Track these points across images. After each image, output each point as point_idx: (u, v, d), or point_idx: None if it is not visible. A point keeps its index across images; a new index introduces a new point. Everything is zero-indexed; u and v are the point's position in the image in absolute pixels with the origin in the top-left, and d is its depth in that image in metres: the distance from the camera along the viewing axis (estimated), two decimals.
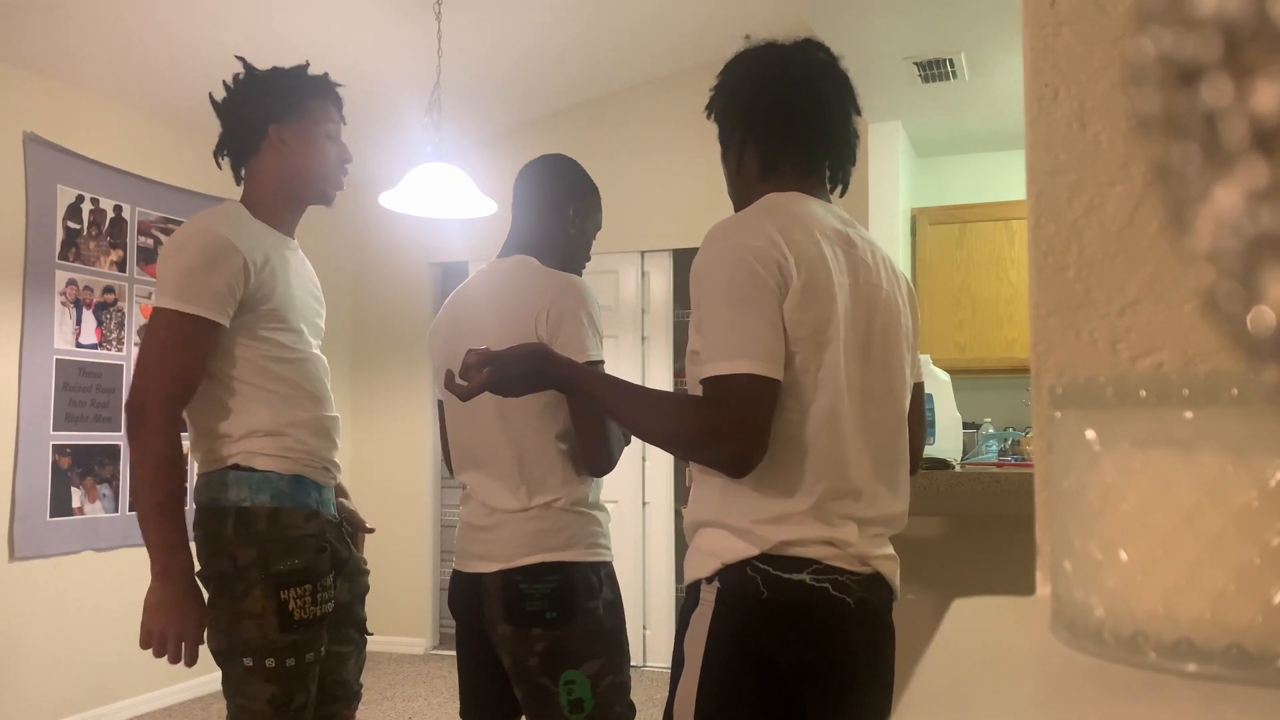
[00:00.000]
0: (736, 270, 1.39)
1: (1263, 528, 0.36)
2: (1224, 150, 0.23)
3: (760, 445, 1.37)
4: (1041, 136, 0.59)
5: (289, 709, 1.86)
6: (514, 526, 1.90)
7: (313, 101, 2.03)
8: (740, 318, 1.37)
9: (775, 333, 1.38)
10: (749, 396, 1.36)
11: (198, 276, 1.81)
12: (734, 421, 1.36)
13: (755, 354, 1.36)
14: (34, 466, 3.94)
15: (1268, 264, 0.23)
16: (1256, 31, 0.22)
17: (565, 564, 1.88)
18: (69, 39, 3.86)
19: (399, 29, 4.19)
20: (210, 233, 1.86)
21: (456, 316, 2.03)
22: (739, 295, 1.38)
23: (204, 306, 1.80)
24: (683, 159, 5.19)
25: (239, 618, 1.84)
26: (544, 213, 2.05)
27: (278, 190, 2.02)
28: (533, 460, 1.91)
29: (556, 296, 1.90)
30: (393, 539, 5.55)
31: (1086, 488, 0.41)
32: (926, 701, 0.36)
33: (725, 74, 1.66)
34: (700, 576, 1.46)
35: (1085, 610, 0.41)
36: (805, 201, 1.51)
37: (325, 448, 1.98)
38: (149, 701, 4.41)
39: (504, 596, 1.88)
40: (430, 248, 5.66)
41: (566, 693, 1.87)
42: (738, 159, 1.59)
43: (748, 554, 1.41)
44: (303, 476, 1.92)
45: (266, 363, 1.90)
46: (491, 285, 2.00)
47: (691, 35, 4.82)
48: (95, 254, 4.24)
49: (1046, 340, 0.58)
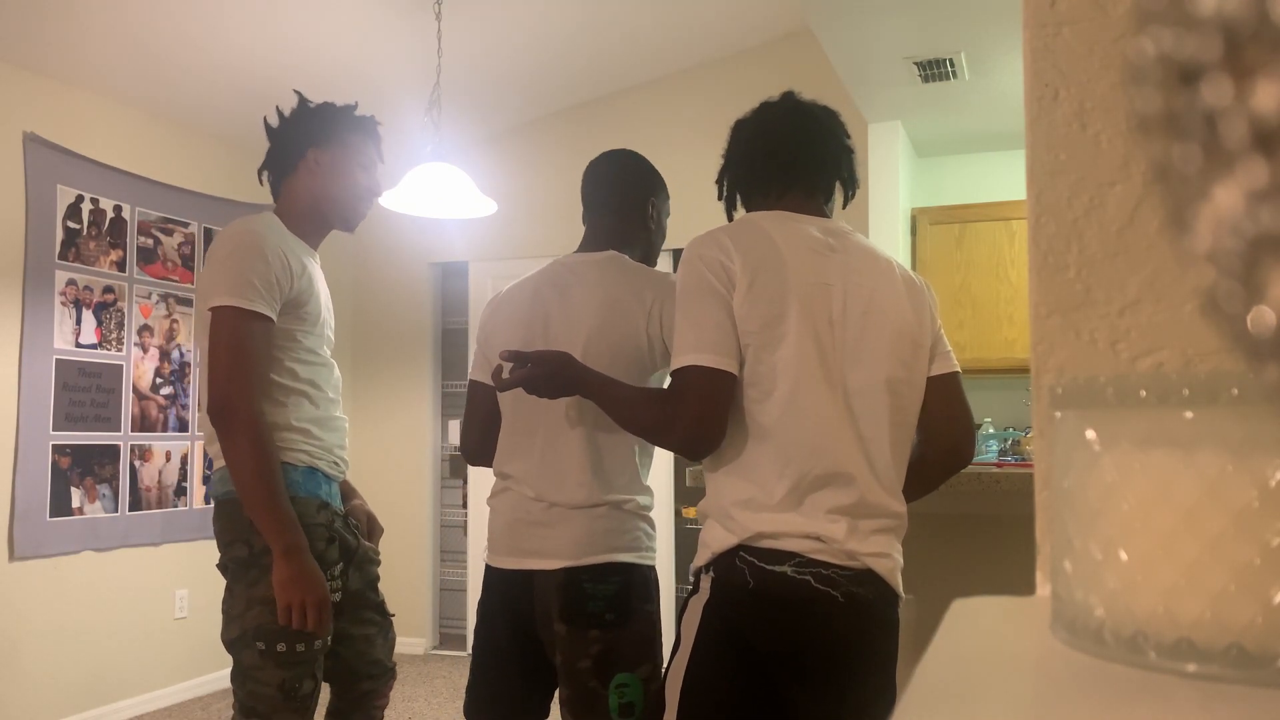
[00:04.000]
0: (689, 276, 1.58)
1: (1263, 528, 0.36)
2: (1224, 150, 0.23)
3: (709, 429, 1.54)
4: (1041, 136, 0.59)
5: (296, 696, 1.93)
6: (580, 524, 1.84)
7: (353, 135, 2.17)
8: (690, 317, 1.56)
9: (722, 328, 1.54)
10: (697, 386, 1.53)
11: (248, 274, 1.92)
12: (684, 409, 1.54)
13: (701, 348, 1.53)
14: (34, 466, 3.94)
15: (1268, 264, 0.23)
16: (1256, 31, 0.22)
17: (629, 565, 1.85)
18: (69, 39, 3.86)
19: (399, 29, 4.19)
20: (258, 235, 1.98)
21: (540, 305, 1.95)
22: (690, 298, 1.57)
23: (260, 303, 1.93)
24: (684, 159, 5.19)
25: (251, 604, 1.93)
26: (629, 211, 2.09)
27: (307, 209, 2.14)
28: (608, 457, 1.87)
29: (664, 296, 1.89)
30: (393, 539, 5.54)
31: (1086, 488, 0.41)
32: (926, 701, 0.36)
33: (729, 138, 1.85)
34: (699, 565, 1.60)
35: (1085, 610, 0.41)
36: (780, 217, 1.66)
37: (337, 444, 2.09)
38: (149, 701, 4.41)
39: (564, 595, 1.83)
40: (430, 248, 5.66)
41: (617, 696, 1.82)
42: (730, 197, 1.80)
43: (731, 543, 1.53)
44: (315, 469, 2.02)
45: (294, 364, 2.02)
46: (591, 279, 1.95)
47: (691, 35, 4.82)
48: (95, 254, 4.24)
49: (1046, 340, 0.58)
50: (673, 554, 5.16)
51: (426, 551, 5.55)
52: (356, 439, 5.76)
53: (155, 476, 4.48)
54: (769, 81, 5.09)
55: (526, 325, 1.95)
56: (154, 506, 4.47)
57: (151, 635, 4.45)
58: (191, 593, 4.65)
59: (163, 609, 4.51)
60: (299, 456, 1.99)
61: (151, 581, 4.46)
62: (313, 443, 2.02)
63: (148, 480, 4.44)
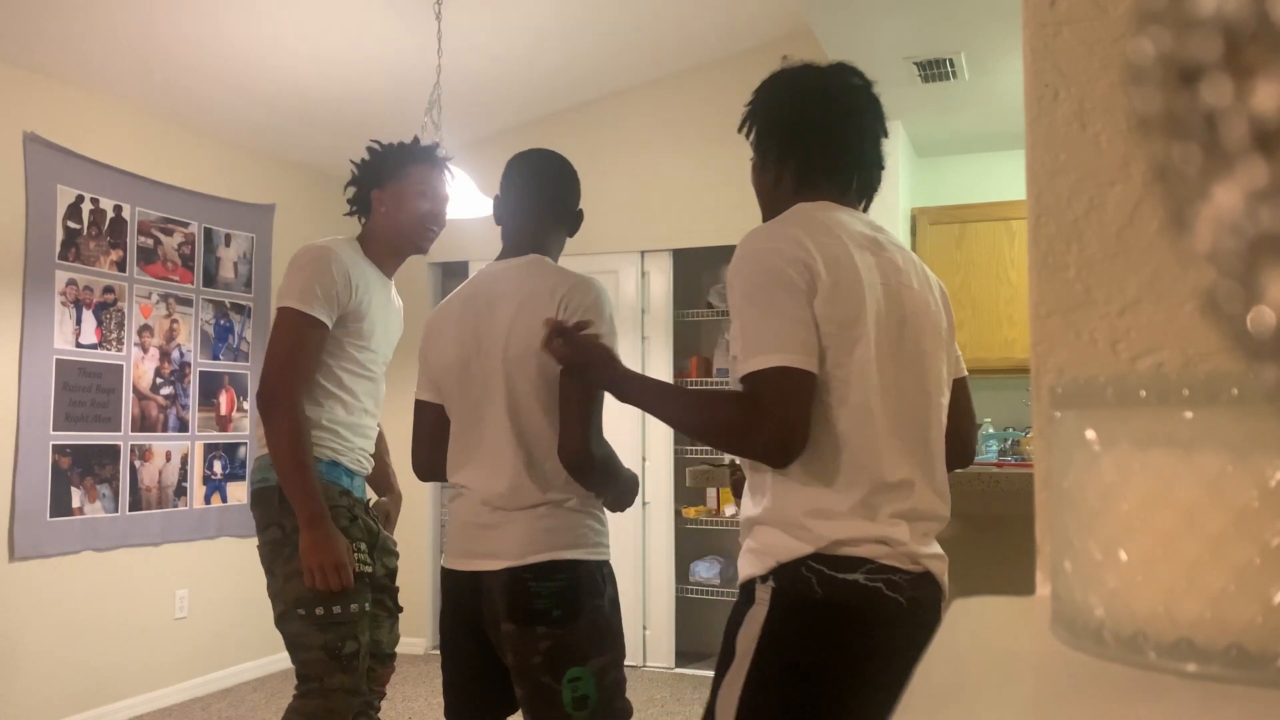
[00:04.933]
0: (763, 272, 1.46)
1: (1263, 528, 0.36)
2: (1224, 150, 0.23)
3: (796, 434, 1.43)
4: (1041, 136, 0.59)
5: (341, 654, 2.17)
6: (522, 524, 1.89)
7: (409, 168, 2.40)
8: (768, 315, 1.44)
9: (805, 327, 1.44)
10: (781, 387, 1.42)
11: (314, 284, 2.20)
12: (768, 413, 1.42)
13: (784, 347, 1.42)
14: (34, 466, 3.94)
15: (1268, 264, 0.23)
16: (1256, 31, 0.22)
17: (574, 562, 1.88)
18: (69, 39, 3.86)
19: (399, 29, 4.19)
20: (329, 251, 2.26)
21: (470, 316, 2.00)
22: (766, 294, 1.45)
23: (318, 309, 2.20)
24: (683, 159, 5.19)
25: (290, 577, 2.18)
26: (559, 212, 2.09)
27: (381, 241, 2.41)
28: (543, 459, 1.91)
29: (575, 292, 1.93)
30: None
31: (1086, 488, 0.41)
32: (926, 701, 0.36)
33: (763, 92, 1.70)
34: (754, 574, 1.49)
35: (1085, 610, 0.41)
36: (833, 209, 1.58)
37: (362, 446, 2.36)
38: (149, 701, 4.41)
39: (509, 594, 1.87)
40: (430, 248, 5.66)
41: (571, 690, 1.86)
42: (776, 174, 1.66)
43: (802, 552, 1.44)
44: (337, 463, 2.28)
45: (340, 371, 2.29)
46: (509, 285, 1.98)
47: (691, 36, 4.82)
48: (95, 254, 4.24)
49: (1046, 340, 0.58)
50: (673, 554, 5.16)
51: (426, 551, 5.55)
52: None
53: (155, 476, 4.48)
54: None
55: (458, 340, 2.00)
56: (154, 506, 4.47)
57: (151, 635, 4.45)
58: (191, 593, 4.65)
59: (163, 609, 4.51)
60: (324, 451, 2.25)
61: (151, 581, 4.46)
62: (340, 442, 2.28)
63: (148, 480, 4.44)
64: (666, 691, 4.70)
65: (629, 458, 5.13)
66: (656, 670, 5.07)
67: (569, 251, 2.23)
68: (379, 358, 2.38)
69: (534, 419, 1.91)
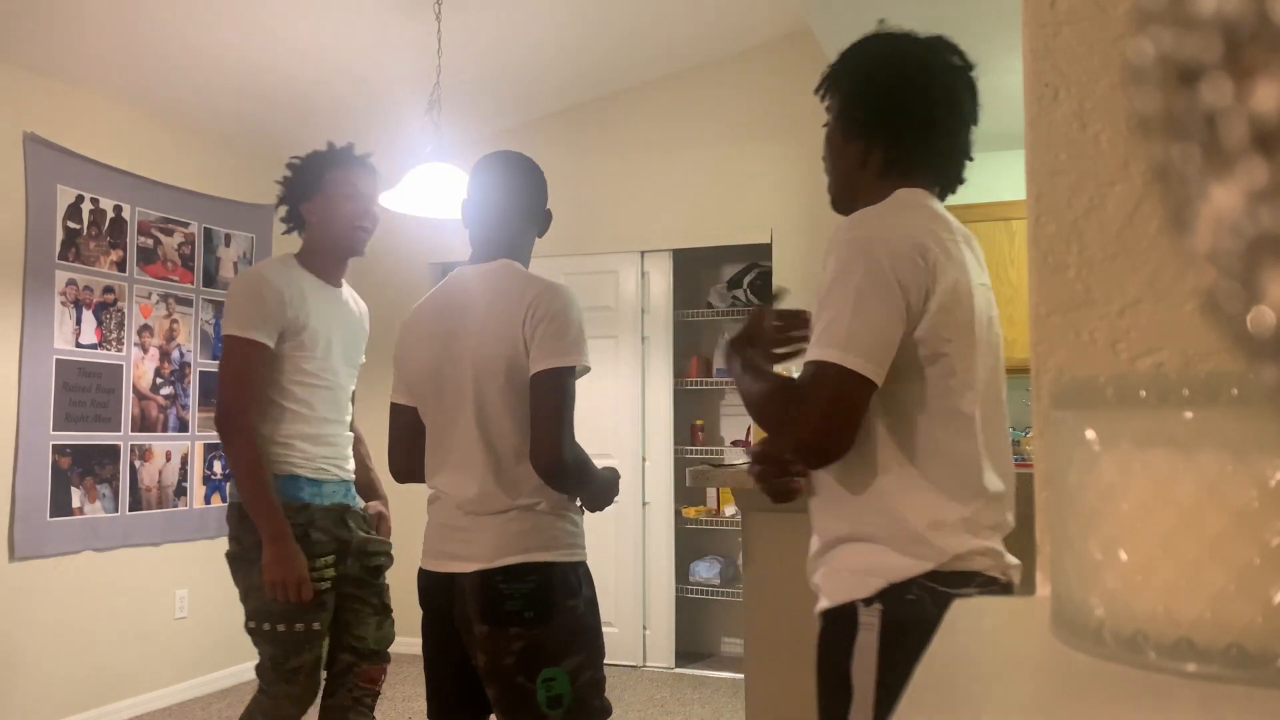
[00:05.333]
0: (865, 265, 1.36)
1: (1263, 528, 0.36)
2: (1224, 150, 0.23)
3: (835, 438, 1.34)
4: (1041, 136, 0.59)
5: (284, 668, 2.31)
6: (493, 528, 1.90)
7: (330, 174, 2.47)
8: (853, 311, 1.34)
9: (884, 335, 1.34)
10: (836, 388, 1.33)
11: (249, 308, 2.30)
12: (811, 410, 1.34)
13: (855, 349, 1.33)
14: (34, 466, 3.94)
15: (1268, 264, 0.23)
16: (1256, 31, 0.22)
17: (545, 564, 1.90)
18: (69, 39, 3.86)
19: (399, 29, 4.19)
20: (257, 275, 2.37)
21: (441, 321, 2.01)
22: (858, 289, 1.35)
23: (256, 331, 2.29)
24: (683, 159, 5.19)
25: (248, 591, 2.31)
26: (521, 214, 2.08)
27: (319, 252, 2.49)
28: (511, 465, 1.92)
29: (542, 298, 1.92)
30: (393, 539, 5.54)
31: (1086, 488, 0.41)
32: (926, 701, 0.36)
33: (855, 56, 1.56)
34: (856, 598, 1.38)
35: (1085, 610, 0.41)
36: (933, 201, 1.49)
37: (325, 454, 2.41)
38: (149, 701, 4.41)
39: (481, 596, 1.88)
40: (430, 248, 5.66)
41: (545, 689, 1.87)
42: (864, 152, 1.52)
43: (915, 571, 1.35)
44: (296, 476, 2.35)
45: (290, 385, 2.36)
46: (479, 290, 2.00)
47: (691, 35, 4.82)
48: (95, 254, 4.24)
49: (1046, 340, 0.58)
50: (673, 554, 5.16)
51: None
52: None
53: (155, 476, 4.48)
54: (769, 82, 5.10)
55: (430, 345, 2.02)
56: (154, 506, 4.47)
57: (151, 635, 4.45)
58: (191, 593, 4.65)
59: (163, 609, 4.51)
60: (281, 467, 2.34)
61: (151, 581, 4.46)
62: (297, 455, 2.36)
63: (148, 480, 4.44)
64: (666, 691, 4.70)
65: (629, 458, 5.13)
66: (656, 670, 5.07)
67: (569, 251, 2.23)
68: (333, 364, 2.45)
69: (503, 425, 1.92)
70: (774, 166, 4.99)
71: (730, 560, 5.42)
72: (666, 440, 5.18)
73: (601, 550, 5.19)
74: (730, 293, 5.41)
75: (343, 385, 2.50)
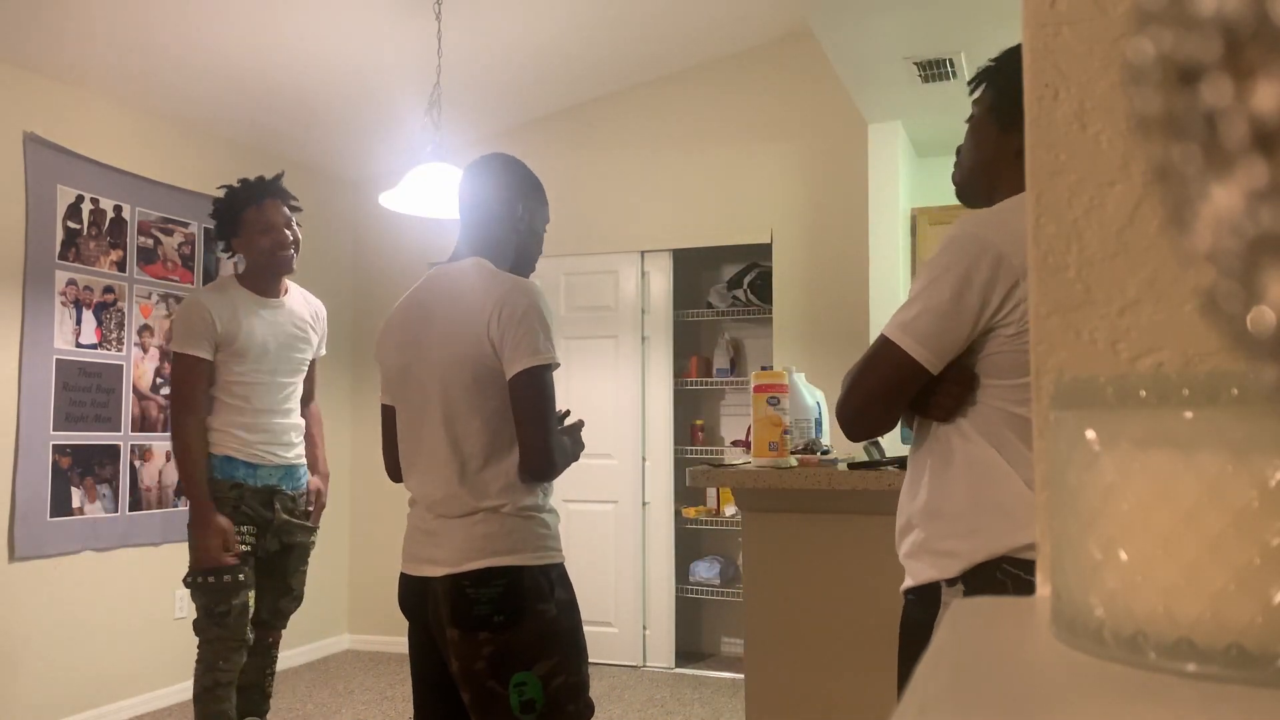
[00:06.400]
0: (957, 258, 1.43)
1: (1263, 528, 0.36)
2: (1224, 150, 0.23)
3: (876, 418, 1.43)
4: (1041, 136, 0.59)
5: (214, 613, 2.80)
6: (460, 531, 1.90)
7: (245, 213, 2.93)
8: (930, 299, 1.42)
9: (953, 331, 1.41)
10: (890, 366, 1.42)
11: (187, 329, 2.82)
12: (862, 382, 1.44)
13: (920, 337, 1.41)
14: (34, 466, 3.94)
15: (1268, 264, 0.23)
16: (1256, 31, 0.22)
17: (513, 568, 1.88)
18: (69, 39, 3.86)
19: (399, 28, 4.19)
20: (194, 300, 2.86)
21: (410, 321, 2.02)
22: (942, 280, 1.42)
23: (194, 347, 2.81)
24: (683, 159, 5.19)
25: (191, 552, 2.82)
26: (495, 214, 2.06)
27: (254, 275, 2.97)
28: (477, 467, 1.91)
29: (507, 297, 1.90)
30: (392, 539, 5.55)
31: (1086, 488, 0.41)
32: (926, 701, 0.36)
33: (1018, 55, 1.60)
34: (936, 578, 1.42)
35: (1085, 610, 0.41)
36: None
37: (259, 440, 2.89)
38: (149, 701, 4.41)
39: (450, 601, 1.88)
40: (430, 248, 5.66)
41: (517, 694, 1.86)
42: (1018, 145, 1.55)
43: (998, 552, 1.38)
44: (232, 458, 2.85)
45: (229, 384, 2.86)
46: (447, 288, 1.99)
47: (691, 35, 4.82)
48: (95, 254, 4.24)
49: (1046, 340, 0.58)
50: (673, 554, 5.16)
51: None
52: (355, 438, 5.76)
53: (155, 476, 4.48)
54: (769, 81, 5.10)
55: (400, 345, 2.02)
56: (154, 506, 4.47)
57: (151, 635, 4.45)
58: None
59: (163, 609, 4.51)
60: (219, 449, 2.84)
61: (151, 581, 4.46)
62: (235, 441, 2.85)
63: (148, 480, 4.44)
64: (666, 691, 4.70)
65: (629, 458, 5.14)
66: (656, 670, 5.07)
67: (569, 251, 2.23)
68: (269, 365, 2.90)
69: (469, 425, 1.91)
70: (774, 166, 4.99)
71: (730, 560, 5.42)
72: (666, 440, 5.18)
73: (601, 550, 5.19)
74: (730, 293, 5.41)
75: (281, 381, 2.95)
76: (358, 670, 5.12)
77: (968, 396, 1.45)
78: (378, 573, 5.54)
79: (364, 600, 5.60)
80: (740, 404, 5.59)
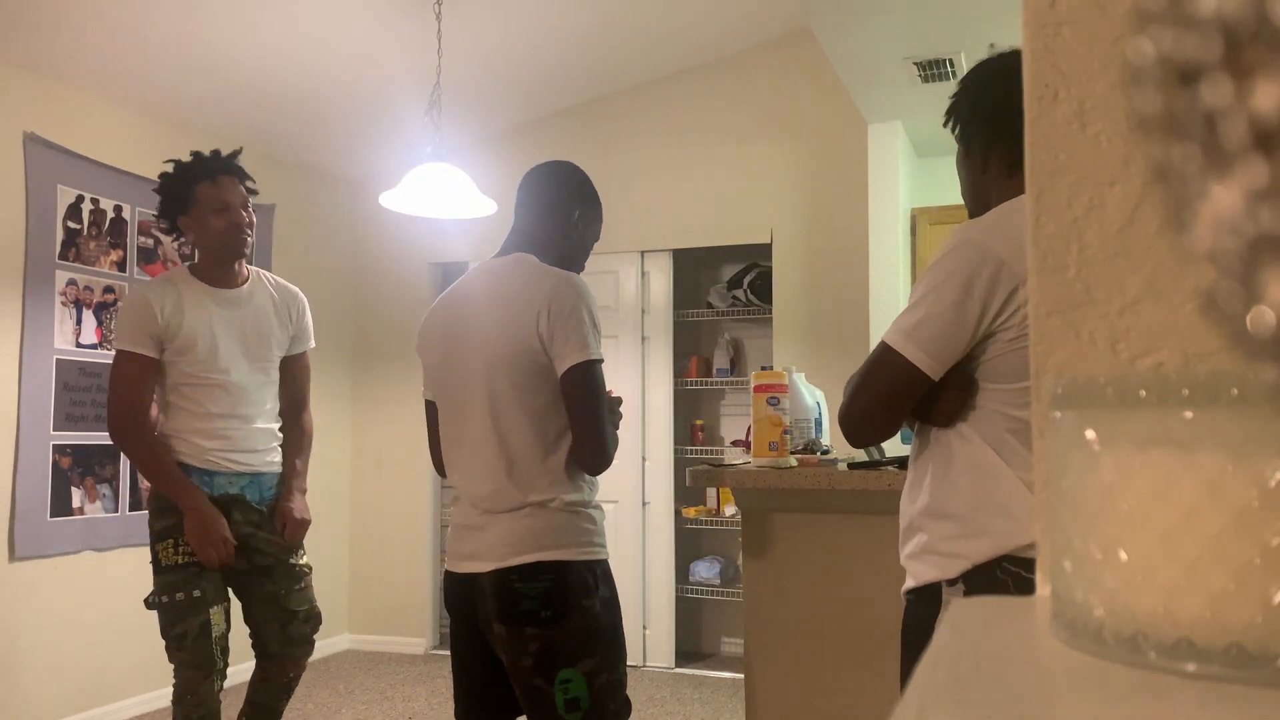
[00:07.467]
0: (957, 264, 1.44)
1: (1263, 528, 0.36)
2: (1224, 150, 0.23)
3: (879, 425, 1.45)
4: (1041, 136, 0.59)
5: (171, 634, 2.60)
6: (506, 526, 1.89)
7: (197, 188, 2.61)
8: (930, 305, 1.44)
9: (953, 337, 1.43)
10: (891, 375, 1.44)
11: (130, 325, 2.53)
12: (864, 390, 1.46)
13: (920, 343, 1.43)
14: (34, 466, 3.94)
15: (1268, 264, 0.23)
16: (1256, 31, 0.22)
17: (560, 563, 1.87)
18: (69, 39, 3.86)
19: (399, 28, 4.19)
20: (138, 294, 2.57)
21: (453, 315, 2.01)
22: (942, 286, 1.44)
23: (137, 344, 2.52)
24: (683, 159, 5.19)
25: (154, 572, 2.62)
26: (548, 214, 2.05)
27: (202, 260, 2.67)
28: (524, 462, 1.90)
29: (555, 293, 1.89)
30: (392, 538, 5.55)
31: (1086, 488, 0.41)
32: (926, 701, 0.36)
33: (970, 79, 1.66)
34: (941, 578, 1.44)
35: (1085, 610, 0.41)
36: None
37: (215, 446, 2.58)
38: (149, 701, 4.41)
39: (498, 596, 1.88)
40: (430, 248, 5.66)
41: (562, 692, 1.86)
42: (983, 158, 1.60)
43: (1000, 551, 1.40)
44: (185, 464, 2.56)
45: (178, 384, 2.57)
46: (492, 283, 1.99)
47: (691, 35, 4.82)
48: (95, 254, 4.24)
49: (1046, 340, 0.58)
50: (673, 554, 5.16)
51: (426, 551, 5.55)
52: (356, 438, 5.76)
53: None
54: (769, 81, 5.10)
55: (443, 340, 2.01)
56: None
57: (151, 635, 4.44)
58: None
59: None
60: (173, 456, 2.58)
61: (151, 582, 4.45)
62: (185, 446, 2.56)
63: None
64: (666, 691, 4.70)
65: (629, 458, 5.13)
66: (657, 670, 5.07)
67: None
68: (220, 363, 2.58)
69: (515, 420, 1.90)
70: (774, 166, 4.99)
71: (730, 560, 5.42)
72: (666, 440, 5.18)
73: None
74: (730, 293, 5.41)
75: (238, 381, 2.61)
76: (358, 670, 5.12)
77: (968, 401, 1.47)
78: (378, 573, 5.54)
79: (364, 600, 5.59)
80: (740, 404, 5.59)
